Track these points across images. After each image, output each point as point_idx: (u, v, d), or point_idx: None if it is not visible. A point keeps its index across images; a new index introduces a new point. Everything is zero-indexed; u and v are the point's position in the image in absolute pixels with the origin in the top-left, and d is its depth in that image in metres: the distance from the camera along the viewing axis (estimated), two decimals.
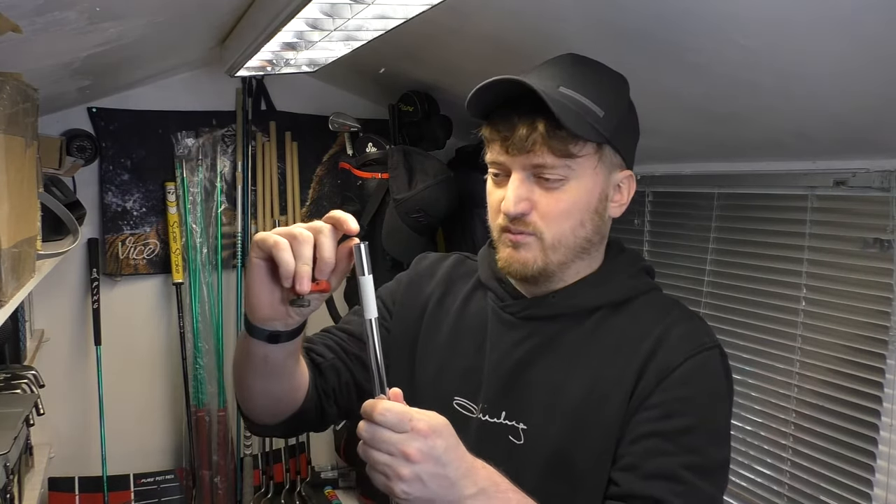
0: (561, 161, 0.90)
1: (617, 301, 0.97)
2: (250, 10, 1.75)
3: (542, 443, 0.93)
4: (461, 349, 1.02)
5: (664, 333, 0.92)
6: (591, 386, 0.92)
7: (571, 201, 0.91)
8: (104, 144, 2.76)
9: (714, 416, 0.91)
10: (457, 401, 1.00)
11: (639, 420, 0.89)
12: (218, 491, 2.94)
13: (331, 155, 3.09)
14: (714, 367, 0.92)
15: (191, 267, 2.90)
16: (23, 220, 1.26)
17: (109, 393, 2.78)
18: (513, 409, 0.96)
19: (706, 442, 0.89)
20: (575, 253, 0.95)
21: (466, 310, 1.05)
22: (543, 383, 0.95)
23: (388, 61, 2.24)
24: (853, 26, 0.99)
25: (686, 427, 0.88)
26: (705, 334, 0.95)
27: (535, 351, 0.97)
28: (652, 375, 0.90)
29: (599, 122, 0.90)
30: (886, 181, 1.33)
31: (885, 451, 1.37)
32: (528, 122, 0.88)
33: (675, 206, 1.97)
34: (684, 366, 0.89)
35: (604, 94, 0.93)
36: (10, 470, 1.69)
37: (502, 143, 0.91)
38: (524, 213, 0.91)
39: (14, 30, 0.95)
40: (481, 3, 1.45)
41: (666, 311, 0.97)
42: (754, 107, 1.37)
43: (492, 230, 0.99)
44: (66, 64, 1.73)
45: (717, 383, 0.93)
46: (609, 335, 0.95)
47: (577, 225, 0.93)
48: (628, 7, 1.21)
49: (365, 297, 0.78)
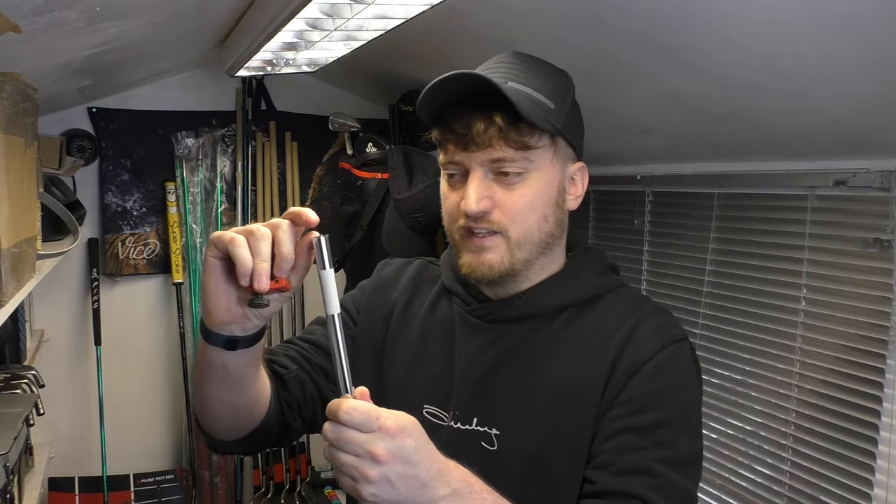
0: (520, 154, 0.89)
1: (584, 299, 0.96)
2: (250, 10, 1.75)
3: (517, 447, 0.92)
4: (429, 356, 1.00)
5: (633, 329, 0.92)
6: (563, 387, 0.91)
7: (533, 195, 0.90)
8: (104, 144, 2.76)
9: (685, 408, 0.92)
10: (427, 409, 0.98)
11: (611, 417, 0.88)
12: (218, 491, 2.94)
13: (331, 155, 3.09)
14: (683, 359, 0.92)
15: (191, 267, 2.91)
16: (23, 220, 1.26)
17: (109, 393, 2.79)
18: (484, 414, 0.94)
19: (678, 435, 0.89)
20: (539, 249, 0.93)
21: (433, 316, 1.03)
22: (514, 387, 0.94)
23: (388, 61, 2.24)
24: (853, 26, 0.99)
25: (658, 421, 0.88)
26: (674, 327, 0.95)
27: (505, 354, 0.95)
28: (622, 371, 0.89)
29: (551, 115, 0.90)
30: (886, 181, 1.33)
31: (885, 451, 1.37)
32: (485, 116, 0.87)
33: (675, 206, 1.97)
34: (654, 360, 0.89)
35: (551, 87, 0.92)
36: (10, 470, 1.69)
37: (458, 141, 0.89)
38: (486, 212, 0.89)
39: (14, 30, 0.95)
40: (481, 3, 1.45)
41: (634, 307, 0.96)
42: (754, 107, 1.37)
43: (450, 235, 0.96)
44: (66, 64, 1.73)
45: (688, 376, 0.93)
46: (578, 334, 0.94)
47: (541, 219, 0.92)
48: (628, 7, 1.21)
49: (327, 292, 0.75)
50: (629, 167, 2.08)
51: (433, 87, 0.88)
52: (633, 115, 1.71)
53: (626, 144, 1.93)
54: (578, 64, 1.54)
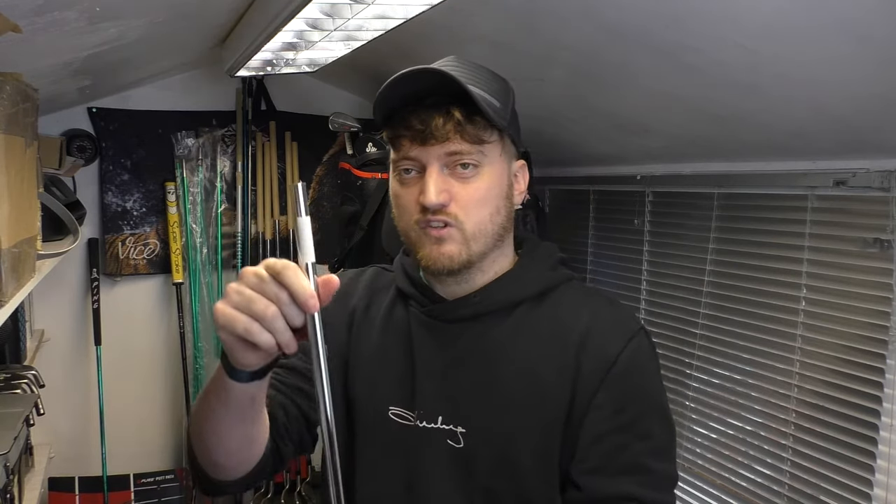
0: (475, 148, 0.91)
1: (537, 293, 0.99)
2: (250, 10, 1.75)
3: (483, 444, 0.94)
4: (390, 359, 1.02)
5: (591, 323, 0.94)
6: (526, 382, 0.93)
7: (486, 188, 0.93)
8: (104, 144, 2.76)
9: (658, 396, 0.95)
10: (392, 410, 0.99)
11: (592, 420, 0.90)
12: None
13: (331, 155, 3.09)
14: (646, 349, 0.95)
15: (191, 267, 2.91)
16: (23, 220, 1.26)
17: (109, 393, 2.79)
18: (449, 413, 0.96)
19: (657, 424, 0.92)
20: (493, 241, 0.95)
21: (390, 320, 1.04)
22: (477, 384, 0.95)
23: (388, 61, 2.24)
24: (853, 27, 0.99)
25: (637, 415, 0.91)
26: (629, 319, 0.98)
27: (465, 353, 0.97)
28: (592, 371, 0.91)
29: (498, 112, 0.93)
30: (886, 181, 1.33)
31: (885, 451, 1.37)
32: (443, 111, 0.90)
33: (675, 206, 1.97)
34: (622, 357, 0.91)
35: (495, 87, 0.95)
36: (10, 470, 1.69)
37: (415, 137, 0.92)
38: (444, 204, 0.91)
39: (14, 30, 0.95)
40: (481, 4, 1.45)
41: (587, 299, 0.99)
42: (754, 107, 1.37)
43: (406, 233, 0.97)
44: (66, 64, 1.73)
45: (652, 364, 0.96)
46: (535, 328, 0.96)
47: (494, 212, 0.94)
48: (628, 7, 1.21)
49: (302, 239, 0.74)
50: (629, 167, 2.08)
51: (391, 85, 0.90)
52: (633, 115, 1.71)
53: (626, 144, 1.93)
54: (578, 64, 1.55)
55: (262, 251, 2.99)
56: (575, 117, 1.82)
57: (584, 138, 1.99)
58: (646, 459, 0.90)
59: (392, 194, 0.99)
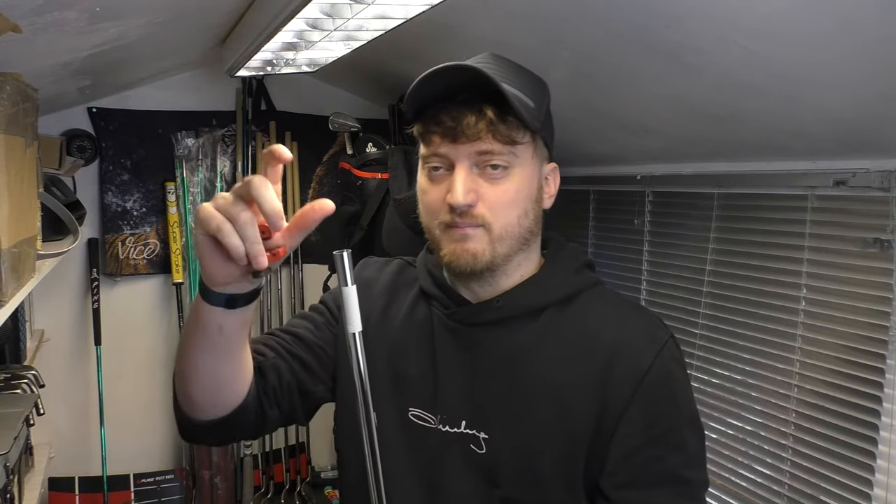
0: (506, 148, 0.90)
1: (562, 298, 0.96)
2: (250, 10, 1.75)
3: (505, 451, 0.92)
4: (412, 360, 1.00)
5: (620, 334, 0.92)
6: (551, 389, 0.92)
7: (516, 190, 0.91)
8: (104, 144, 2.76)
9: (688, 405, 0.93)
10: (412, 412, 0.98)
11: (624, 434, 0.89)
12: (218, 491, 2.94)
13: (331, 155, 3.09)
14: (676, 358, 0.94)
15: (191, 267, 2.91)
16: (23, 220, 1.26)
17: (109, 393, 2.79)
18: (472, 418, 0.94)
19: (689, 432, 0.91)
20: (519, 244, 0.94)
21: (412, 320, 1.02)
22: (500, 389, 0.94)
23: (388, 61, 2.24)
24: (853, 27, 0.99)
25: (670, 426, 0.90)
26: (658, 327, 0.95)
27: (488, 357, 0.95)
28: (622, 385, 0.89)
29: (532, 113, 0.91)
30: (886, 181, 1.33)
31: (885, 451, 1.37)
32: (475, 109, 0.88)
33: (675, 206, 1.97)
34: (654, 369, 0.90)
35: (530, 88, 0.93)
36: (10, 470, 1.69)
37: (446, 133, 0.89)
38: (472, 204, 0.89)
39: (14, 30, 0.95)
40: (481, 3, 1.45)
41: (613, 307, 0.98)
42: (754, 107, 1.37)
43: (430, 230, 0.96)
44: (66, 64, 1.73)
45: (682, 373, 0.94)
46: (560, 334, 0.94)
47: (522, 214, 0.92)
48: (628, 7, 1.21)
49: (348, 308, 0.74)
50: (629, 167, 2.08)
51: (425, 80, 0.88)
52: (634, 115, 1.71)
53: (626, 144, 1.93)
54: (579, 64, 1.55)
55: None
56: (575, 117, 1.82)
57: (584, 138, 1.99)
58: (681, 470, 0.89)
59: (419, 189, 0.97)
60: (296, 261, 3.06)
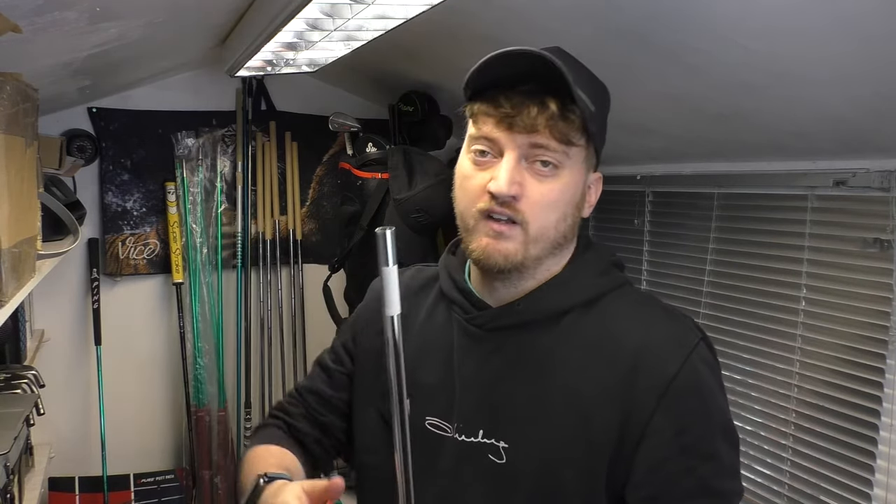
0: (561, 147, 0.86)
1: (586, 301, 0.92)
2: (250, 10, 1.75)
3: (526, 460, 0.89)
4: (428, 368, 0.97)
5: (644, 338, 0.88)
6: (573, 396, 0.88)
7: (560, 191, 0.88)
8: (104, 144, 2.76)
9: (721, 412, 0.88)
10: (429, 421, 0.95)
11: (650, 445, 0.84)
12: (218, 491, 2.94)
13: (331, 155, 3.09)
14: (707, 363, 0.88)
15: (191, 267, 2.90)
16: (23, 220, 1.26)
17: (109, 393, 2.78)
18: (490, 426, 0.91)
19: (721, 441, 0.86)
20: (552, 248, 0.91)
21: (430, 325, 1.00)
22: (521, 397, 0.90)
23: (388, 61, 2.24)
24: (853, 26, 0.99)
25: (700, 436, 0.85)
26: (688, 330, 0.90)
27: (508, 363, 0.92)
28: (646, 393, 0.85)
29: (593, 117, 0.88)
30: (886, 181, 1.33)
31: (885, 451, 1.37)
32: (538, 101, 0.84)
33: (675, 206, 1.97)
34: (681, 375, 0.85)
35: (594, 90, 0.90)
36: (10, 470, 1.69)
37: (502, 119, 0.86)
38: (514, 197, 0.86)
39: (14, 30, 0.95)
40: (481, 3, 1.45)
41: (639, 309, 0.93)
42: (754, 107, 1.37)
43: (463, 218, 0.92)
44: (66, 64, 1.73)
45: (714, 379, 0.89)
46: (583, 339, 0.90)
47: (561, 218, 0.89)
48: (629, 7, 1.21)
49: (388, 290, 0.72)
50: (629, 167, 2.08)
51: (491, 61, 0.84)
52: (634, 115, 1.71)
53: (626, 144, 1.93)
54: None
55: (262, 251, 2.99)
56: None
57: None
58: (714, 481, 0.85)
59: (459, 173, 0.93)
60: (296, 261, 3.06)
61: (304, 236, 3.07)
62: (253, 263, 3.01)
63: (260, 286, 3.03)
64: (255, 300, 3.04)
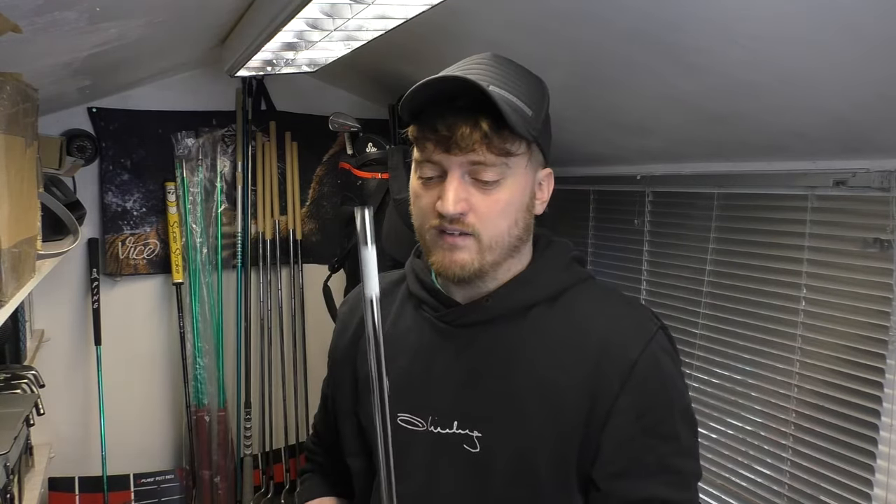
0: (500, 160, 0.89)
1: (550, 295, 0.97)
2: (250, 10, 1.75)
3: (499, 449, 0.92)
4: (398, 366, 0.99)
5: (608, 328, 0.93)
6: (542, 386, 0.92)
7: (507, 201, 0.91)
8: (104, 144, 2.76)
9: (680, 396, 0.93)
10: (400, 417, 0.99)
11: (615, 425, 0.89)
12: (218, 491, 2.94)
13: (331, 155, 3.09)
14: (666, 349, 0.94)
15: (191, 267, 2.91)
16: (23, 220, 1.26)
17: (109, 393, 2.79)
18: (464, 418, 0.95)
19: (681, 424, 0.91)
20: (508, 252, 0.94)
21: (398, 327, 1.03)
22: (492, 388, 0.94)
23: (388, 61, 2.24)
24: (853, 26, 0.99)
25: (661, 417, 0.90)
26: (647, 319, 0.96)
27: (479, 357, 0.96)
28: (611, 377, 0.90)
29: (529, 122, 0.89)
30: (886, 181, 1.33)
31: (885, 451, 1.37)
32: (471, 120, 0.87)
33: (675, 206, 1.97)
34: (641, 360, 0.90)
35: (529, 93, 0.92)
36: (10, 470, 1.69)
37: (440, 142, 0.89)
38: (462, 214, 0.90)
39: (14, 30, 0.95)
40: (481, 3, 1.45)
41: (602, 301, 0.98)
42: (754, 107, 1.37)
43: (420, 234, 0.97)
44: (66, 64, 1.73)
45: (673, 364, 0.94)
46: (550, 332, 0.94)
47: (512, 224, 0.92)
48: (629, 7, 1.21)
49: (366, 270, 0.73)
50: (629, 167, 2.08)
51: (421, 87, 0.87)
52: (634, 115, 1.71)
53: (626, 144, 1.93)
54: (579, 64, 1.55)
55: (262, 251, 2.99)
56: (575, 117, 1.82)
57: (584, 138, 1.99)
58: (673, 460, 0.90)
59: (412, 193, 0.98)
60: (296, 261, 3.06)
61: (304, 236, 3.07)
62: (253, 263, 3.01)
63: (260, 286, 3.03)
64: (255, 300, 3.05)
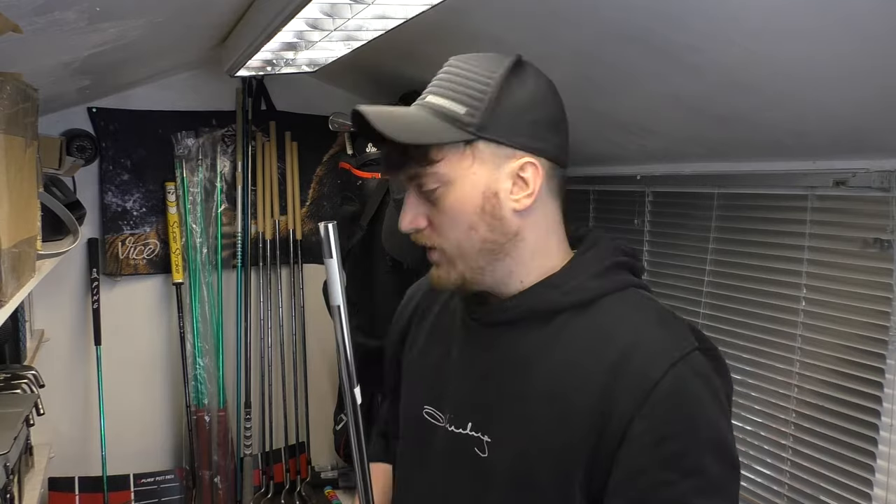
0: (429, 169, 0.87)
1: (580, 302, 0.89)
2: (250, 10, 1.75)
3: (505, 456, 0.89)
4: (430, 357, 1.01)
5: (633, 341, 0.84)
6: (553, 396, 0.86)
7: (452, 208, 0.87)
8: (104, 144, 2.77)
9: (710, 426, 0.82)
10: (426, 409, 0.99)
11: (629, 452, 0.80)
12: (218, 491, 2.94)
13: (331, 155, 3.09)
14: (699, 373, 0.83)
15: (191, 267, 2.91)
16: (23, 220, 1.26)
17: (109, 393, 2.79)
18: (478, 420, 0.92)
19: (708, 458, 0.81)
20: (487, 255, 0.89)
21: (441, 319, 1.04)
22: (505, 394, 0.90)
23: (388, 61, 2.24)
24: (854, 26, 0.99)
25: (684, 448, 0.80)
26: (682, 338, 0.85)
27: (497, 359, 0.92)
28: (627, 396, 0.81)
29: (456, 121, 0.86)
30: (886, 181, 1.33)
31: (885, 451, 1.37)
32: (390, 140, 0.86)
33: (675, 206, 1.97)
34: (664, 381, 0.80)
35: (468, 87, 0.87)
36: (10, 470, 1.69)
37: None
38: (417, 229, 0.91)
39: (14, 30, 0.95)
40: (481, 3, 1.45)
41: (635, 313, 0.89)
42: (754, 107, 1.37)
43: None
44: (66, 64, 1.73)
45: (705, 389, 0.83)
46: (573, 341, 0.87)
47: (467, 230, 0.88)
48: (628, 7, 1.21)
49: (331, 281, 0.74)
50: (629, 167, 2.08)
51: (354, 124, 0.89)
52: (634, 115, 1.71)
53: (626, 144, 1.93)
54: (579, 64, 1.55)
55: (262, 251, 2.99)
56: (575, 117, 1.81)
57: (584, 138, 1.99)
58: (694, 499, 0.79)
59: None
60: (296, 261, 3.06)
61: (304, 236, 3.07)
62: (253, 263, 3.01)
63: (260, 286, 3.03)
64: (255, 300, 3.05)
